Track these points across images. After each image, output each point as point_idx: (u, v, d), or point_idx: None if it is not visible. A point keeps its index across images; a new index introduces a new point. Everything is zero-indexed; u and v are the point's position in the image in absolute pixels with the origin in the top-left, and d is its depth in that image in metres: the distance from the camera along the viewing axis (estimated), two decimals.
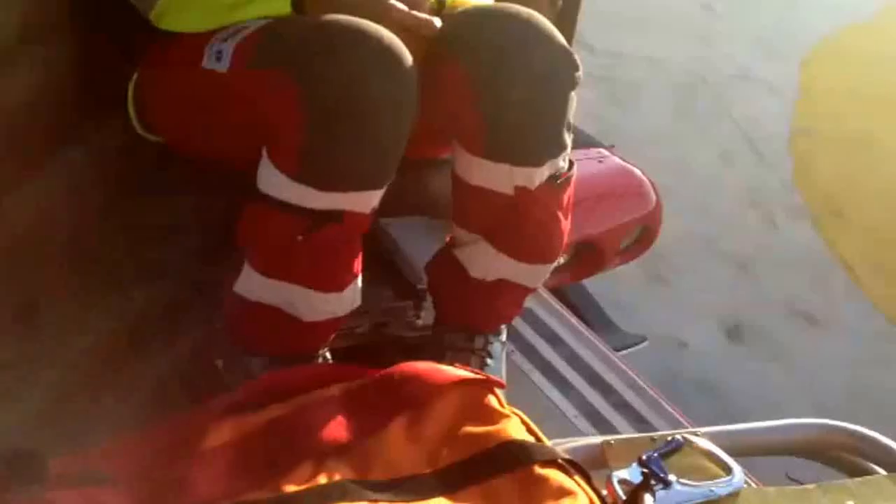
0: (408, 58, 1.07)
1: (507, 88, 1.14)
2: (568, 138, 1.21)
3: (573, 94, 1.19)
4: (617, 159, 1.90)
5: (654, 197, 1.87)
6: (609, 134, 2.17)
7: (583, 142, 1.93)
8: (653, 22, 4.14)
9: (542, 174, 1.19)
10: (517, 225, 1.23)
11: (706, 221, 3.04)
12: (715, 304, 2.73)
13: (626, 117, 3.42)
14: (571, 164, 1.24)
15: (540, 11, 1.51)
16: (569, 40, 1.53)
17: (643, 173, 1.89)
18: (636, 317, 2.33)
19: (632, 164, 1.90)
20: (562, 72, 1.18)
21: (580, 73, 1.20)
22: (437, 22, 1.15)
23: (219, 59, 1.14)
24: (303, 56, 1.06)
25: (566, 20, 1.53)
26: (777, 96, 3.97)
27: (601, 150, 1.92)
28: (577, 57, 1.19)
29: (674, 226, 2.12)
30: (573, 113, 1.20)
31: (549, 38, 1.17)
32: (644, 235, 1.90)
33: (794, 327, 2.73)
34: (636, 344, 1.92)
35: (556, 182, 1.21)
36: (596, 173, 1.84)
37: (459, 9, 1.21)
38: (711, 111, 3.74)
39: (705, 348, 2.56)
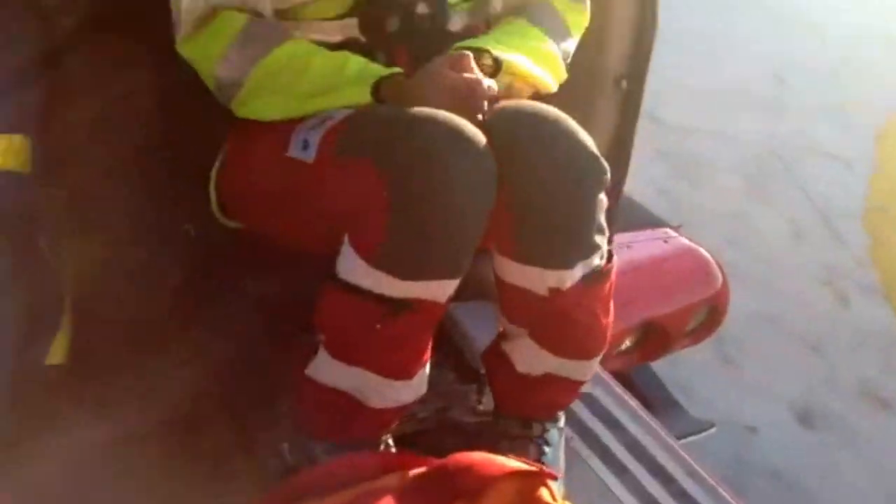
0: (481, 139, 1.10)
1: (533, 191, 1.14)
2: (600, 239, 1.19)
3: (602, 196, 1.18)
4: (683, 239, 1.91)
5: (720, 277, 1.87)
6: (677, 209, 2.17)
7: (649, 221, 1.95)
8: (723, 94, 4.10)
9: (573, 276, 1.17)
10: (555, 324, 1.22)
11: (776, 300, 2.96)
12: (785, 386, 2.66)
13: (695, 192, 3.39)
14: (611, 255, 1.23)
15: (603, 93, 1.52)
16: (635, 118, 1.53)
17: (709, 253, 1.89)
18: (703, 400, 2.30)
19: (697, 244, 1.90)
20: (588, 175, 1.17)
21: (608, 176, 1.19)
22: (494, 85, 1.16)
23: (305, 147, 1.17)
24: (385, 144, 1.09)
25: (632, 99, 1.54)
26: (851, 170, 3.88)
27: (667, 229, 1.93)
28: (603, 161, 1.18)
29: (742, 305, 2.09)
30: (603, 214, 1.18)
31: (575, 142, 1.16)
32: (711, 316, 1.89)
33: (867, 411, 2.64)
34: (703, 430, 1.89)
35: (591, 280, 1.19)
36: (661, 254, 1.85)
37: (499, 104, 1.19)
38: (783, 186, 3.68)
39: (775, 433, 2.49)
